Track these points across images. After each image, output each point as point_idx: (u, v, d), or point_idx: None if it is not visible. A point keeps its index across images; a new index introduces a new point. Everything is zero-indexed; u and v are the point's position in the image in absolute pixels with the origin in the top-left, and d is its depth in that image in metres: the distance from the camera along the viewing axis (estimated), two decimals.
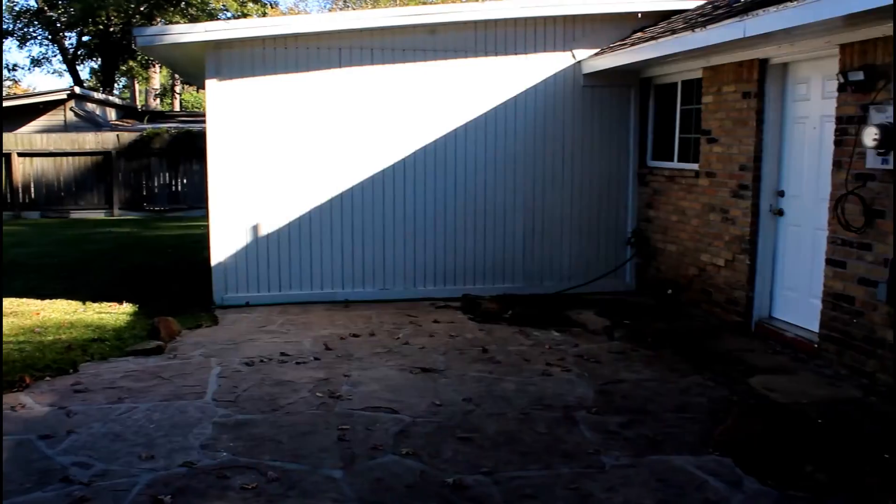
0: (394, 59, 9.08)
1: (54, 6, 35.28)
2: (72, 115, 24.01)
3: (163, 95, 44.15)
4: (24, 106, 24.02)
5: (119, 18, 34.72)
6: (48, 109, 23.98)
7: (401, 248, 9.27)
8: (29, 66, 43.40)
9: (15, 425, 5.23)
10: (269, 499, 4.17)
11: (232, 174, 8.86)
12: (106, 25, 35.21)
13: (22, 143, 21.58)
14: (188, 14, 33.71)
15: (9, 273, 11.53)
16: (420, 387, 6.03)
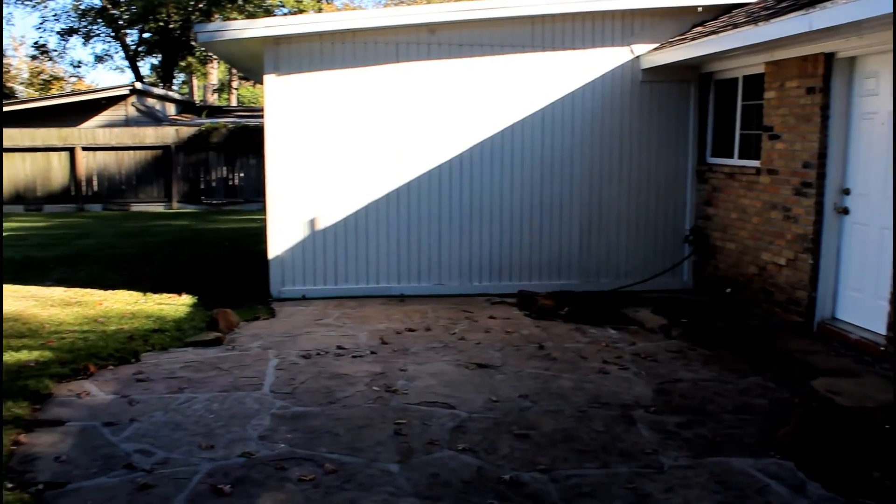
0: (450, 54, 9.07)
1: (117, 4, 36.00)
2: (133, 110, 24.49)
3: (220, 91, 44.77)
4: (88, 102, 24.58)
5: (178, 15, 35.32)
6: (110, 105, 24.50)
7: (456, 244, 9.27)
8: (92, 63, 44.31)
9: (80, 412, 5.36)
10: (327, 491, 4.20)
11: (289, 168, 8.95)
12: (166, 22, 35.85)
13: (85, 138, 22.07)
14: (245, 10, 34.13)
15: (73, 264, 11.82)
16: (476, 382, 6.01)
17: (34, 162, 22.03)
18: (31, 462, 4.54)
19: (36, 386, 5.73)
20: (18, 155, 21.99)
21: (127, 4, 35.83)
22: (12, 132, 22.04)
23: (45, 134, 21.99)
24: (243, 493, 4.16)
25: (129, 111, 24.54)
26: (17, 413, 5.24)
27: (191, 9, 34.91)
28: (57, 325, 7.68)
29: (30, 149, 21.91)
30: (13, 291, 9.51)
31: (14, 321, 7.83)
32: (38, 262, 12.04)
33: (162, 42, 36.92)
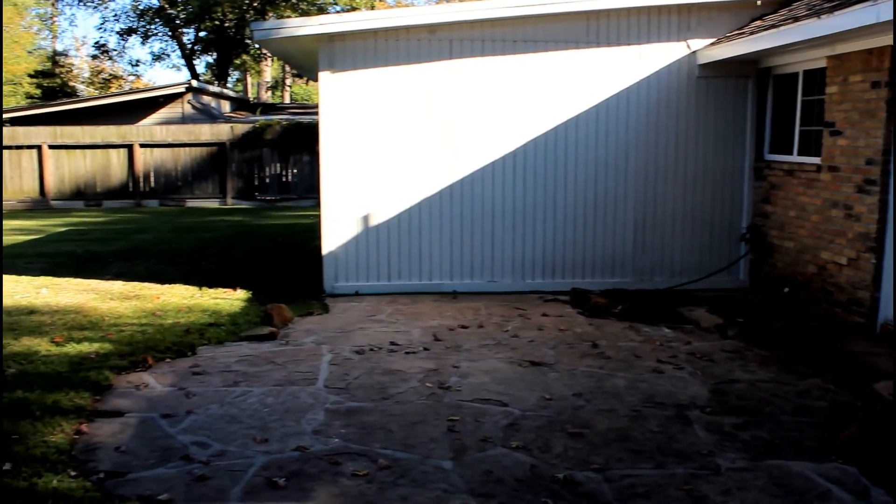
0: (504, 51, 9.04)
1: (174, 3, 36.62)
2: (189, 107, 24.89)
3: (274, 88, 45.29)
4: (146, 99, 25.06)
5: (233, 14, 35.80)
6: (167, 102, 24.94)
7: (509, 241, 9.23)
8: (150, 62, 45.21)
9: (139, 403, 5.46)
10: (381, 486, 4.21)
11: (343, 164, 9.00)
12: (221, 21, 36.37)
13: (143, 135, 22.49)
14: (299, 8, 34.47)
15: (131, 258, 12.06)
16: (529, 380, 5.98)
17: (94, 159, 22.52)
18: (93, 451, 4.64)
19: (97, 377, 5.86)
20: (79, 152, 22.50)
21: (184, 4, 36.44)
22: (74, 129, 22.56)
23: (105, 131, 22.47)
24: (298, 487, 4.20)
25: (185, 108, 24.95)
26: (79, 403, 5.35)
27: (245, 7, 35.36)
28: (116, 318, 7.83)
29: (90, 146, 22.41)
30: (75, 285, 9.74)
31: (75, 314, 8.02)
32: (98, 257, 12.32)
33: (217, 40, 37.48)
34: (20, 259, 12.23)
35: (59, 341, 6.88)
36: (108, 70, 43.93)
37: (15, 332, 7.28)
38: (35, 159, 22.51)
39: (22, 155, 22.54)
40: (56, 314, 8.01)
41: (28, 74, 33.57)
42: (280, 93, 45.59)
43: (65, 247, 13.72)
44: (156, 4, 37.79)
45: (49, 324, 7.58)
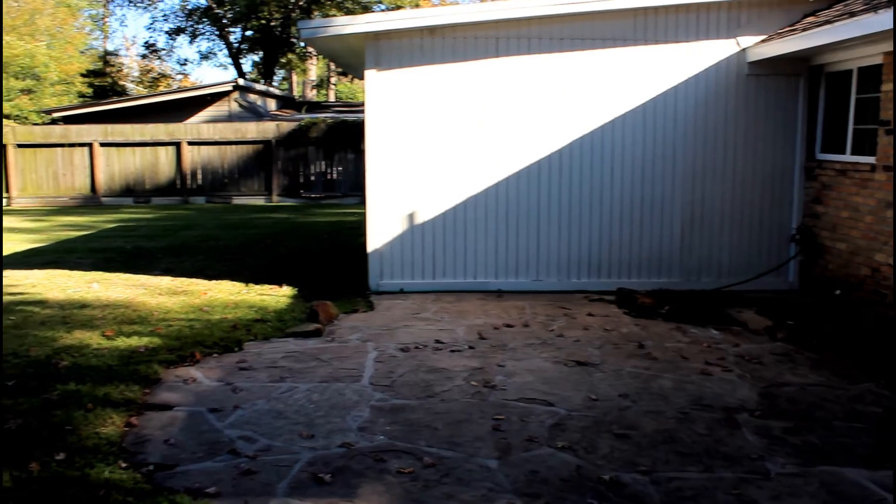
0: (551, 49, 8.99)
1: (221, 3, 37.07)
2: (235, 105, 25.17)
3: (319, 86, 45.60)
4: (193, 98, 25.40)
5: (279, 13, 36.12)
6: (214, 101, 25.25)
7: (555, 240, 9.18)
8: (198, 61, 45.87)
9: (187, 397, 5.53)
10: (426, 484, 4.21)
11: (389, 162, 9.03)
12: (267, 20, 36.73)
13: (190, 133, 22.80)
14: (344, 7, 34.66)
15: (179, 254, 12.23)
16: (575, 380, 5.94)
17: (143, 156, 22.88)
18: (143, 443, 4.71)
19: (146, 371, 5.95)
20: (129, 149, 22.88)
21: (231, 3, 36.87)
22: (124, 128, 22.95)
23: (154, 129, 22.82)
24: (343, 483, 4.21)
25: (231, 107, 25.23)
26: (129, 396, 5.44)
27: (291, 6, 35.67)
28: (165, 312, 7.94)
29: (139, 143, 22.78)
30: (124, 280, 9.90)
31: (125, 308, 8.15)
32: (146, 252, 12.51)
33: (263, 39, 37.86)
34: (72, 254, 12.47)
35: (110, 335, 7.00)
36: (157, 69, 44.62)
37: (68, 325, 7.42)
38: (87, 157, 22.94)
39: (74, 153, 22.99)
40: (107, 308, 8.16)
41: (80, 74, 34.20)
42: (325, 91, 45.90)
43: (115, 243, 13.96)
44: (203, 4, 38.30)
45: (100, 318, 7.72)
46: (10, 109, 28.01)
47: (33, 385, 5.65)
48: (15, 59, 30.12)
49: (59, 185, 23.17)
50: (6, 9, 33.92)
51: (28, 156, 23.14)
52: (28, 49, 30.73)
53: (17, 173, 23.19)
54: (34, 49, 31.09)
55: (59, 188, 23.17)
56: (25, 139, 23.14)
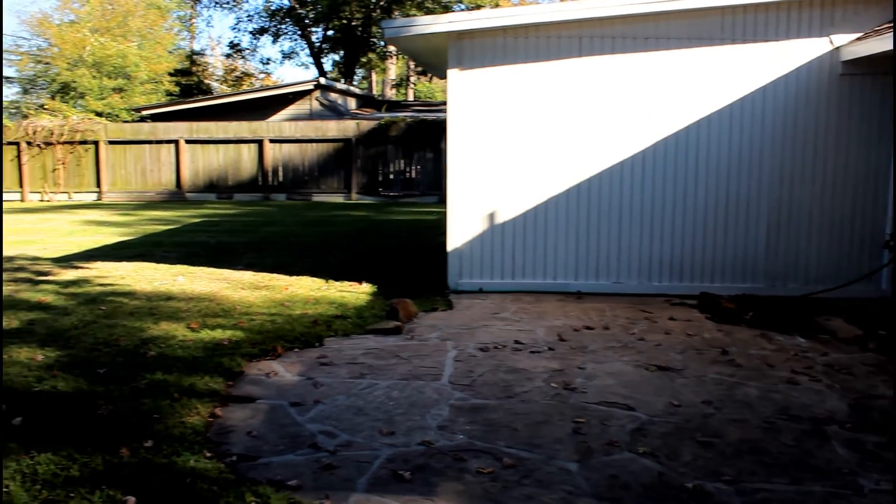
0: (635, 48, 8.86)
1: (304, 3, 37.68)
2: (316, 104, 25.55)
3: (398, 86, 45.97)
4: (276, 96, 25.90)
5: (360, 13, 36.53)
6: (296, 99, 25.69)
7: (636, 242, 9.05)
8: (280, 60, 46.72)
9: (269, 390, 5.62)
10: (505, 485, 4.18)
11: (470, 161, 9.03)
12: (349, 20, 37.19)
13: (272, 131, 23.24)
14: (424, 7, 34.86)
15: (260, 250, 12.47)
16: (656, 385, 5.84)
17: (226, 153, 23.43)
18: (226, 434, 4.80)
19: (230, 364, 6.07)
20: (213, 146, 23.46)
21: (313, 4, 37.46)
22: (208, 125, 23.54)
23: (237, 127, 23.34)
24: (423, 481, 4.22)
25: (313, 105, 25.63)
26: (213, 387, 5.56)
27: (372, 6, 36.02)
28: (247, 307, 8.10)
29: (223, 140, 23.33)
30: (208, 274, 10.14)
31: (209, 301, 8.34)
32: (229, 248, 12.79)
33: (344, 39, 38.37)
34: (158, 248, 12.83)
35: (195, 327, 7.17)
36: (240, 68, 45.64)
37: (155, 316, 7.63)
38: (173, 153, 23.62)
39: (161, 149, 23.69)
40: (191, 301, 8.36)
41: (168, 73, 35.18)
42: (404, 90, 46.26)
43: (198, 237, 14.32)
44: (286, 4, 39.01)
45: (185, 310, 7.91)
46: (103, 107, 28.99)
47: (123, 374, 5.83)
48: (108, 59, 31.19)
49: (146, 180, 23.90)
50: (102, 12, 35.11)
51: (118, 152, 23.94)
52: (120, 49, 31.77)
53: (108, 169, 24.00)
54: (126, 49, 32.12)
55: (147, 183, 23.90)
56: (116, 136, 23.94)
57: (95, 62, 31.19)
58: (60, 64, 31.51)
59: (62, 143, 24.02)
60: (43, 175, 24.26)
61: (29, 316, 7.69)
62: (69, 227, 16.55)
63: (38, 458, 4.34)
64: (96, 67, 31.10)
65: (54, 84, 31.96)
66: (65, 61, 31.44)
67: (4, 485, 4.06)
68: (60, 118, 24.75)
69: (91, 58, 31.26)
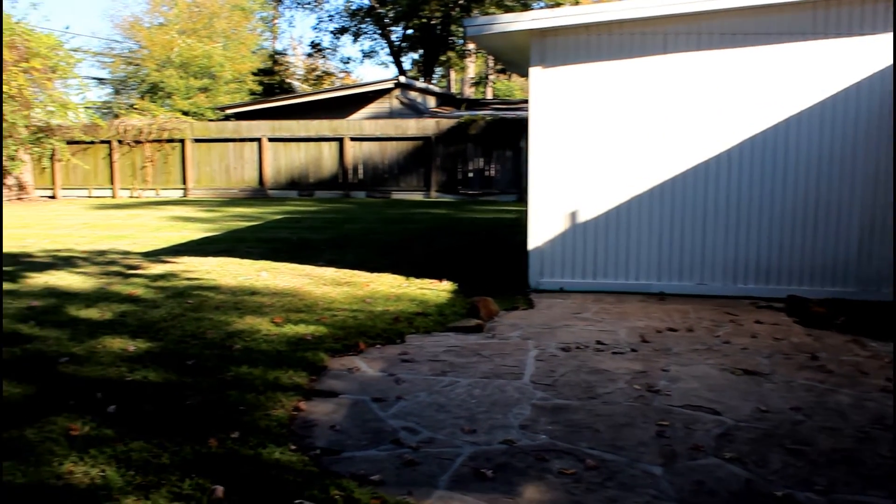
0: (721, 44, 8.66)
1: (384, 3, 38.02)
2: (396, 102, 25.75)
3: (477, 84, 45.99)
4: (356, 95, 26.19)
5: (440, 12, 36.67)
6: (376, 98, 25.94)
7: (721, 243, 8.84)
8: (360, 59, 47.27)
9: (351, 385, 5.68)
10: (588, 487, 4.13)
11: (551, 160, 8.96)
12: (428, 19, 37.38)
13: (353, 129, 23.51)
14: (504, 5, 34.77)
15: (341, 246, 12.62)
16: (743, 389, 5.69)
17: (307, 151, 23.80)
18: (310, 428, 4.87)
19: (313, 358, 6.15)
20: (294, 144, 23.86)
21: (393, 3, 37.76)
22: (290, 123, 23.95)
23: (318, 125, 23.69)
24: (505, 480, 4.20)
25: (392, 104, 25.83)
26: (297, 381, 5.64)
27: (451, 5, 36.11)
28: (329, 302, 8.20)
29: (304, 139, 23.70)
30: (291, 269, 10.31)
31: (292, 296, 8.48)
32: (311, 244, 12.99)
33: (423, 38, 38.58)
34: (242, 243, 13.11)
35: (279, 322, 7.29)
36: (321, 67, 46.28)
37: (240, 310, 7.80)
38: (255, 151, 24.10)
39: (244, 147, 24.20)
40: (275, 296, 8.51)
41: (251, 73, 35.93)
42: (483, 88, 46.27)
43: (281, 233, 14.58)
44: (367, 4, 39.41)
45: (268, 305, 8.06)
46: (189, 107, 29.78)
47: (210, 366, 5.97)
48: (194, 60, 32.03)
49: (229, 177, 24.45)
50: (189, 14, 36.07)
51: (203, 150, 24.56)
52: (206, 50, 32.59)
53: (193, 166, 24.64)
54: (211, 50, 32.93)
55: (230, 180, 24.45)
56: (201, 134, 24.56)
57: (182, 63, 32.06)
58: (150, 65, 32.49)
59: (150, 142, 24.76)
60: (132, 172, 25.04)
61: (121, 308, 7.94)
62: (157, 222, 17.05)
63: (132, 445, 4.48)
64: (183, 68, 31.96)
65: (144, 84, 32.97)
66: (154, 62, 32.40)
67: (101, 469, 4.20)
68: (149, 117, 25.52)
69: (178, 59, 32.14)
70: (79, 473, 4.16)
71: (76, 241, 13.68)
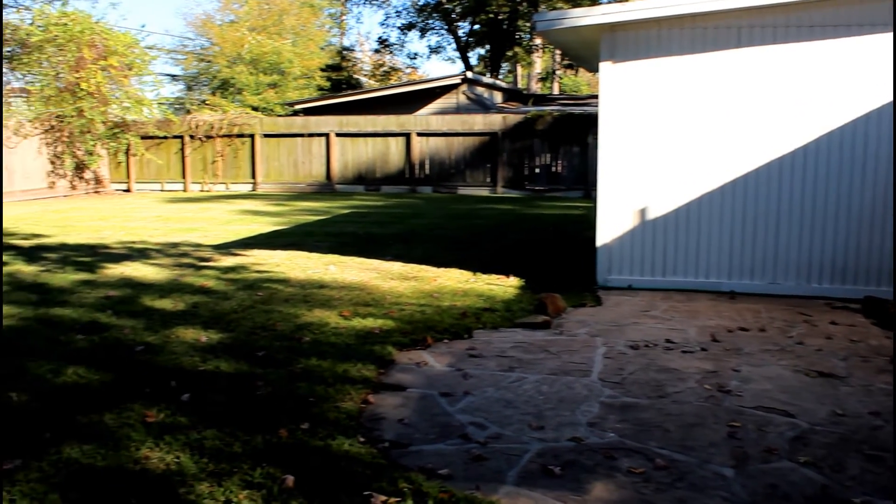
0: (798, 37, 8.43)
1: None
2: (463, 98, 25.75)
3: (544, 79, 45.76)
4: (423, 91, 26.28)
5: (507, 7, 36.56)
6: (443, 93, 25.99)
7: (795, 241, 8.62)
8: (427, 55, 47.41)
9: (419, 379, 5.71)
10: (658, 487, 4.08)
11: (621, 156, 8.86)
12: (495, 14, 37.31)
13: (420, 125, 23.60)
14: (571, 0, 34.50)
15: (408, 241, 12.69)
16: (818, 392, 5.55)
17: (374, 146, 23.97)
18: (378, 421, 4.91)
19: (381, 352, 6.20)
20: (361, 139, 24.05)
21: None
22: (357, 119, 24.15)
23: (385, 120, 23.83)
24: (572, 477, 4.17)
25: (459, 99, 25.84)
26: (366, 375, 5.69)
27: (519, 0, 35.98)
28: (396, 297, 8.26)
29: (371, 134, 23.88)
30: (358, 263, 10.41)
31: (360, 290, 8.56)
32: (378, 238, 13.09)
33: (490, 33, 38.54)
34: (310, 237, 13.28)
35: (347, 315, 7.37)
36: (388, 63, 46.57)
37: (308, 303, 7.90)
38: (323, 146, 24.36)
39: (312, 142, 24.48)
40: (343, 290, 8.60)
41: (319, 69, 36.35)
42: (549, 84, 46.01)
43: (348, 228, 14.73)
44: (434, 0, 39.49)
45: (337, 298, 8.15)
46: (259, 102, 30.29)
47: (280, 357, 6.06)
48: (264, 56, 32.57)
49: (297, 172, 24.78)
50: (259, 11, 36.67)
51: (272, 145, 24.92)
52: (275, 47, 33.10)
53: (262, 161, 25.03)
54: (280, 46, 33.43)
55: (298, 175, 24.78)
56: (270, 130, 24.94)
57: (252, 59, 32.61)
58: (221, 61, 33.13)
59: (221, 137, 25.22)
60: (203, 167, 25.56)
61: (193, 299, 8.12)
62: (227, 216, 17.37)
63: (205, 433, 4.58)
64: (253, 64, 32.51)
65: (215, 81, 33.65)
66: (225, 59, 33.03)
67: (176, 455, 4.31)
68: (220, 113, 26.01)
69: (248, 55, 32.71)
70: (154, 459, 4.27)
71: (150, 234, 14.03)
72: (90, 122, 22.52)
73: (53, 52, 21.21)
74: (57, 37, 20.95)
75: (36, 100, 22.05)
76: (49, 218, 17.23)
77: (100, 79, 22.09)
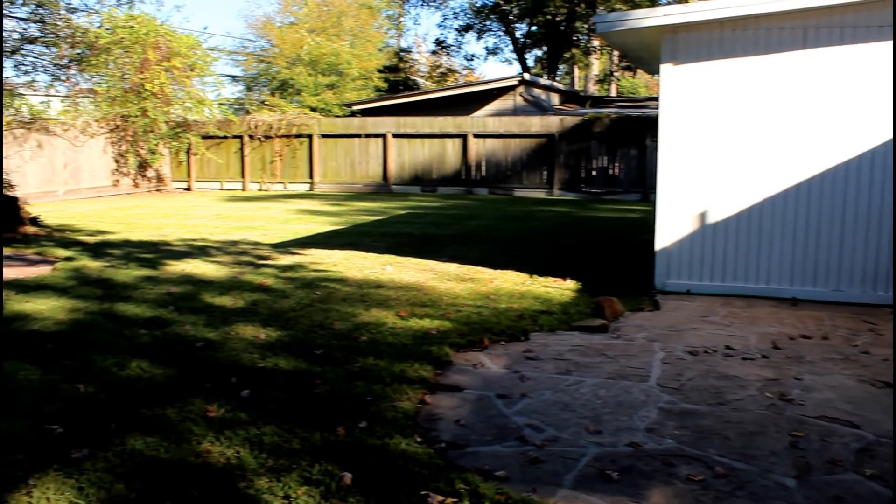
0: (867, 38, 8.22)
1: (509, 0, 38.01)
2: (520, 99, 25.68)
3: (602, 81, 45.40)
4: (480, 92, 26.26)
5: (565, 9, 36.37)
6: (500, 95, 25.94)
7: (860, 248, 8.41)
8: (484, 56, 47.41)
9: (476, 381, 5.72)
10: (717, 495, 4.02)
11: (681, 159, 8.75)
12: (553, 16, 37.15)
13: (476, 126, 23.61)
14: (630, 1, 34.16)
15: (465, 243, 12.71)
16: (884, 403, 5.41)
17: (431, 147, 24.05)
18: (435, 421, 4.93)
19: (438, 353, 6.23)
20: (418, 140, 24.15)
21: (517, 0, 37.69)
22: (414, 120, 24.26)
23: (442, 122, 23.89)
24: (630, 483, 4.14)
25: (516, 101, 25.77)
26: (423, 375, 5.72)
27: (576, 2, 35.77)
28: (453, 298, 8.27)
29: (428, 135, 23.96)
30: (414, 264, 10.45)
31: (416, 291, 8.60)
32: (434, 239, 13.13)
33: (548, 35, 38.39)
34: (367, 237, 13.38)
35: (404, 315, 7.41)
36: (445, 65, 46.66)
37: (365, 303, 7.96)
38: (380, 147, 24.52)
39: (370, 143, 24.66)
40: (399, 290, 8.64)
41: (377, 70, 36.55)
42: (607, 86, 45.64)
43: (404, 228, 14.80)
44: (491, 2, 39.49)
45: (394, 298, 8.20)
46: (317, 103, 30.57)
47: (337, 356, 6.12)
48: (323, 58, 32.88)
49: (354, 172, 24.98)
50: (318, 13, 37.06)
51: (329, 145, 25.16)
52: (334, 48, 33.38)
53: (320, 161, 25.29)
54: (339, 48, 33.70)
55: (355, 175, 24.98)
56: (328, 130, 25.18)
57: (311, 60, 32.93)
58: (280, 63, 33.52)
59: (279, 137, 25.54)
60: (262, 166, 25.91)
61: (252, 297, 8.25)
62: (285, 215, 17.59)
63: (264, 430, 4.65)
64: (312, 65, 32.83)
65: (274, 81, 34.06)
66: (284, 60, 33.42)
67: (236, 450, 4.38)
68: (278, 113, 26.34)
69: (307, 56, 33.04)
70: (215, 453, 4.35)
71: (210, 232, 14.29)
72: (153, 122, 23.01)
73: (120, 53, 21.70)
74: (123, 39, 21.43)
75: (102, 100, 22.61)
76: (113, 215, 17.66)
77: (163, 79, 22.54)
